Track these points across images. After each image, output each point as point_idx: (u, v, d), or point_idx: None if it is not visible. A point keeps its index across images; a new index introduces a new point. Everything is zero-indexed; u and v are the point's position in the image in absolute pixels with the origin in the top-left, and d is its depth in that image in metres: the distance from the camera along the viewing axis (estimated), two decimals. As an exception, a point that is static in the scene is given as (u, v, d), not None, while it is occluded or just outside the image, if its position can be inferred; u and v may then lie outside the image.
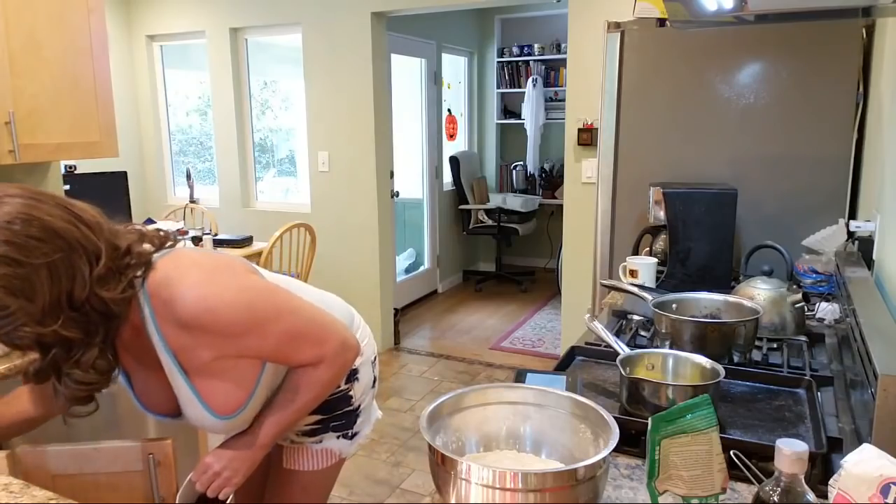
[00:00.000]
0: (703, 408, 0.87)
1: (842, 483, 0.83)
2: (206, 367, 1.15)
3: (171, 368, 1.16)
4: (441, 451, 0.86)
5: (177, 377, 1.17)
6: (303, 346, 1.20)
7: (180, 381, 1.17)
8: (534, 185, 6.38)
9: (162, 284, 1.10)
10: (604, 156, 2.62)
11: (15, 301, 0.96)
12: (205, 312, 1.09)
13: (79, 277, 1.00)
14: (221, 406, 1.19)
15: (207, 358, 1.14)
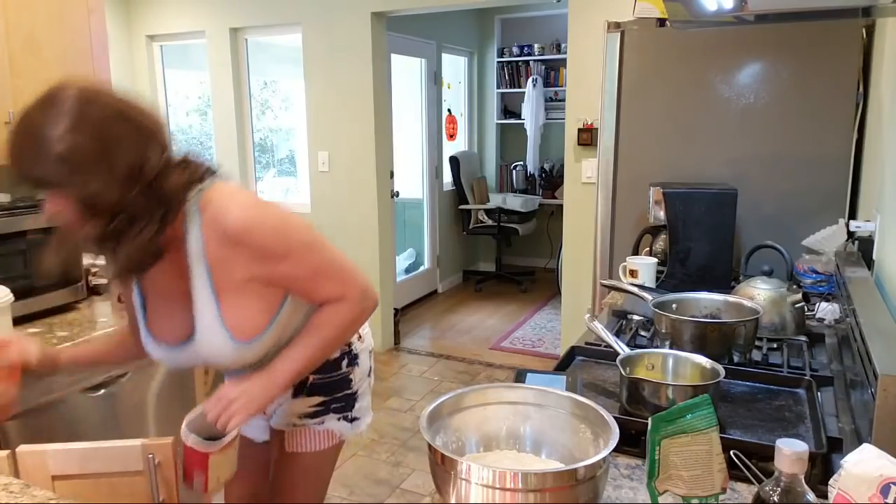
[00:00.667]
0: (703, 408, 0.87)
1: (842, 483, 0.83)
2: (236, 286, 1.22)
3: (202, 283, 1.22)
4: (441, 451, 0.86)
5: (204, 293, 1.22)
6: (329, 281, 1.28)
7: (207, 297, 1.22)
8: (534, 185, 6.38)
9: (214, 198, 1.19)
10: (604, 156, 2.62)
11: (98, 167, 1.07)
12: (250, 229, 1.19)
13: (151, 157, 1.12)
14: (240, 329, 1.23)
15: (240, 277, 1.21)
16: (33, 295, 2.00)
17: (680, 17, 2.07)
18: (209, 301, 1.22)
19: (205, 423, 1.22)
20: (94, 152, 1.07)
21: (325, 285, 1.28)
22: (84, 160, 1.07)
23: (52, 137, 1.07)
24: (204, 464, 1.23)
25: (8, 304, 1.73)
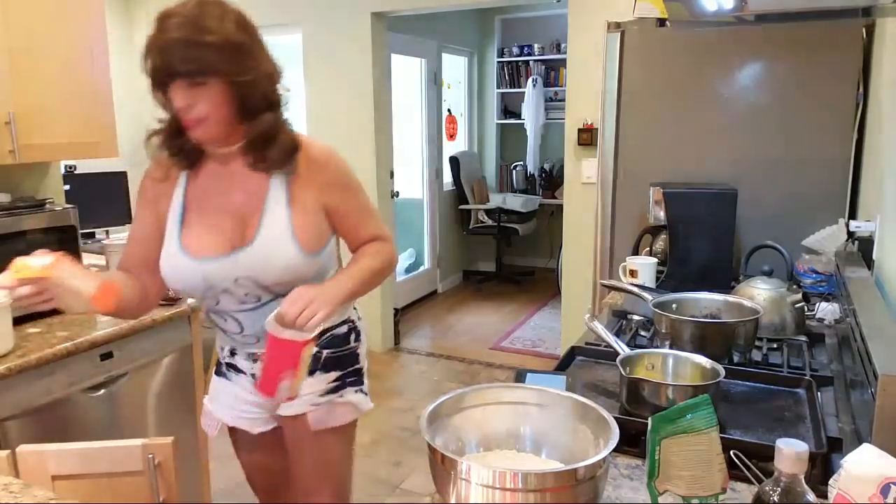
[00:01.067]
0: (702, 408, 0.87)
1: (842, 483, 0.83)
2: (305, 208, 1.35)
3: (277, 195, 1.34)
4: (441, 451, 0.86)
5: (278, 206, 1.33)
6: (373, 220, 1.48)
7: (281, 209, 1.33)
8: (534, 185, 6.38)
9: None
10: (604, 156, 2.62)
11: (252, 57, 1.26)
12: (329, 159, 1.40)
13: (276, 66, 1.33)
14: (307, 241, 1.34)
15: (311, 200, 1.36)
16: (33, 295, 2.00)
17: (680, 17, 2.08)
18: (283, 213, 1.33)
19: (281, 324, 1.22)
20: (247, 44, 1.25)
21: (370, 223, 1.47)
22: (242, 48, 1.24)
23: (216, 28, 1.21)
24: (296, 359, 1.22)
25: (8, 304, 1.73)
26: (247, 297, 1.36)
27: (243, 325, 1.41)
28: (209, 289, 1.35)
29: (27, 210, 2.03)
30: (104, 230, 3.91)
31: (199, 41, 1.20)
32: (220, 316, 1.42)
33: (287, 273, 1.33)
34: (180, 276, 1.35)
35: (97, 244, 3.24)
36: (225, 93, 1.24)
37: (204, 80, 1.22)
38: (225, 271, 1.33)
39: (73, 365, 1.86)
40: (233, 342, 1.48)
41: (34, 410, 1.77)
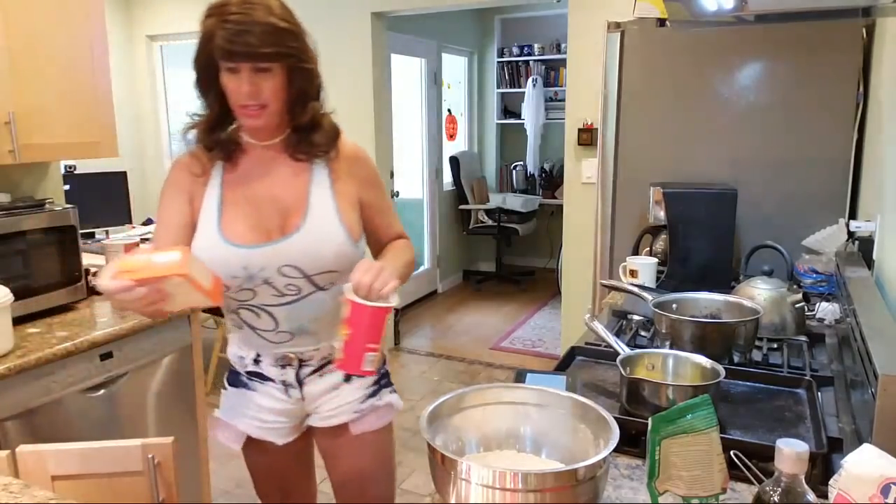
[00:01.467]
0: (703, 408, 0.87)
1: (842, 483, 0.83)
2: (347, 195, 1.37)
3: (321, 182, 1.35)
4: (441, 451, 0.86)
5: (324, 193, 1.34)
6: (398, 220, 1.52)
7: (327, 196, 1.34)
8: (534, 185, 6.37)
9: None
10: (604, 156, 2.62)
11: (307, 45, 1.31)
12: (365, 156, 1.46)
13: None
14: (352, 229, 1.35)
15: (350, 193, 1.38)
16: (33, 295, 2.00)
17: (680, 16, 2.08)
18: (329, 199, 1.34)
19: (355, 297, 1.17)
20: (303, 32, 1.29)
21: (395, 222, 1.51)
22: (304, 35, 1.29)
23: (284, 14, 1.24)
24: (381, 328, 1.17)
25: (8, 304, 1.73)
26: (286, 289, 1.32)
27: (278, 321, 1.36)
28: (249, 278, 1.30)
29: (27, 210, 2.03)
30: (104, 230, 3.91)
31: (274, 25, 1.21)
32: (252, 311, 1.36)
33: (335, 261, 1.31)
34: (219, 263, 1.27)
35: (97, 244, 3.24)
36: (285, 80, 1.26)
37: (269, 66, 1.23)
38: (269, 259, 1.29)
39: (72, 365, 1.86)
40: (259, 345, 1.40)
41: (34, 410, 1.77)
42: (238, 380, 1.47)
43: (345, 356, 1.16)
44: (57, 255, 2.09)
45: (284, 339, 1.38)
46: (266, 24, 1.20)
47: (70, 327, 1.97)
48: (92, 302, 2.22)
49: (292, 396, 1.43)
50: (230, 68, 1.23)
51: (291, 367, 1.40)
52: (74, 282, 2.14)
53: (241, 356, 1.44)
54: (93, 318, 2.08)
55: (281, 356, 1.40)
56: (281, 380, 1.42)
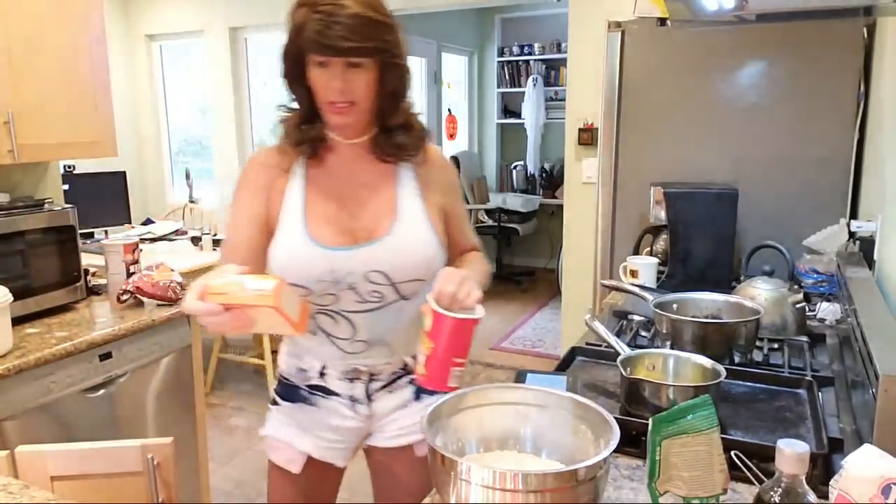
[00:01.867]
0: (703, 408, 0.87)
1: (843, 483, 0.83)
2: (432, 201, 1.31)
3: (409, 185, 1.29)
4: (441, 451, 0.86)
5: (412, 196, 1.28)
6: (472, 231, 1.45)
7: (415, 199, 1.28)
8: (534, 184, 6.37)
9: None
10: (604, 155, 2.62)
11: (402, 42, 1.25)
12: (449, 162, 1.41)
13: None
14: (441, 236, 1.29)
15: (438, 197, 1.32)
16: (32, 295, 2.00)
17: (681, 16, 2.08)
18: (418, 204, 1.28)
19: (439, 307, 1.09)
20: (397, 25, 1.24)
21: (471, 233, 1.44)
22: (400, 30, 1.23)
23: (382, 7, 1.19)
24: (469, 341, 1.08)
25: (7, 304, 1.73)
26: (370, 296, 1.24)
27: (356, 328, 1.27)
28: (335, 283, 1.22)
29: (26, 210, 2.03)
30: (103, 230, 3.91)
31: (369, 18, 1.14)
32: (330, 316, 1.26)
33: (425, 269, 1.24)
34: (305, 264, 1.21)
35: (96, 244, 3.24)
36: (377, 76, 1.19)
37: (361, 62, 1.16)
38: (357, 263, 1.22)
39: (71, 365, 1.85)
40: (329, 355, 1.31)
41: (33, 411, 1.77)
42: (296, 394, 1.35)
43: (428, 371, 1.06)
44: (56, 256, 2.08)
45: (359, 350, 1.29)
46: (360, 16, 1.13)
47: (69, 327, 1.96)
48: (91, 302, 2.22)
49: (359, 413, 1.33)
50: (320, 62, 1.16)
51: (360, 381, 1.31)
52: (73, 282, 2.14)
53: (303, 368, 1.34)
54: (92, 318, 2.07)
55: (351, 369, 1.31)
56: (349, 394, 1.32)
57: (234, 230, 1.28)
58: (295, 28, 1.17)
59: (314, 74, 1.18)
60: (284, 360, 1.38)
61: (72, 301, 2.15)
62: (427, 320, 1.06)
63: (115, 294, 2.14)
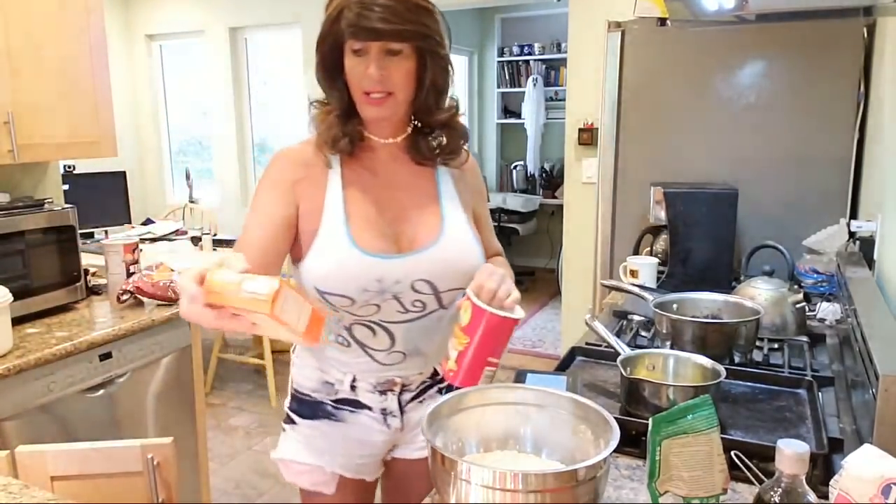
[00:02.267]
0: (703, 408, 0.87)
1: (843, 483, 0.83)
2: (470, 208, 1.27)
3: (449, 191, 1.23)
4: (441, 451, 0.85)
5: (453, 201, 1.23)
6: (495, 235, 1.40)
7: (456, 204, 1.22)
8: (534, 184, 6.37)
9: None
10: (604, 155, 2.62)
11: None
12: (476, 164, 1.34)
13: None
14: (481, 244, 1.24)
15: (470, 201, 1.27)
16: (32, 295, 2.00)
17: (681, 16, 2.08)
18: (460, 211, 1.23)
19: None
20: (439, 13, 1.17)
21: (495, 238, 1.38)
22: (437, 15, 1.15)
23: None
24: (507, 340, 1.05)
25: (7, 304, 1.73)
26: (413, 305, 1.18)
27: (395, 339, 1.21)
28: (380, 293, 1.14)
29: (26, 210, 2.03)
30: (103, 230, 3.91)
31: (414, 2, 1.08)
32: (369, 328, 1.19)
33: (467, 278, 1.15)
34: (352, 274, 1.12)
35: (96, 244, 3.24)
36: (416, 66, 1.12)
37: (401, 48, 1.09)
38: (404, 272, 1.14)
39: (71, 365, 1.85)
40: (361, 368, 1.23)
41: (33, 411, 1.77)
42: (319, 410, 1.26)
43: (459, 367, 1.02)
44: (56, 255, 2.08)
45: (396, 361, 1.23)
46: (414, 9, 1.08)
47: (69, 327, 1.96)
48: (91, 302, 2.22)
49: (391, 426, 1.27)
50: (356, 49, 1.09)
51: (393, 393, 1.25)
52: (74, 282, 2.14)
53: (329, 382, 1.25)
54: (92, 318, 2.07)
55: (385, 381, 1.24)
56: (381, 407, 1.25)
57: (248, 229, 1.17)
58: (331, 16, 1.11)
59: (350, 64, 1.11)
60: (304, 374, 1.29)
61: (72, 301, 2.15)
62: (464, 315, 1.02)
63: (115, 294, 2.14)
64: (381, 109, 1.13)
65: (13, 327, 1.79)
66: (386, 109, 1.14)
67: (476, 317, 1.01)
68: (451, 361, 1.02)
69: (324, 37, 1.13)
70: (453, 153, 1.23)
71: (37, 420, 1.78)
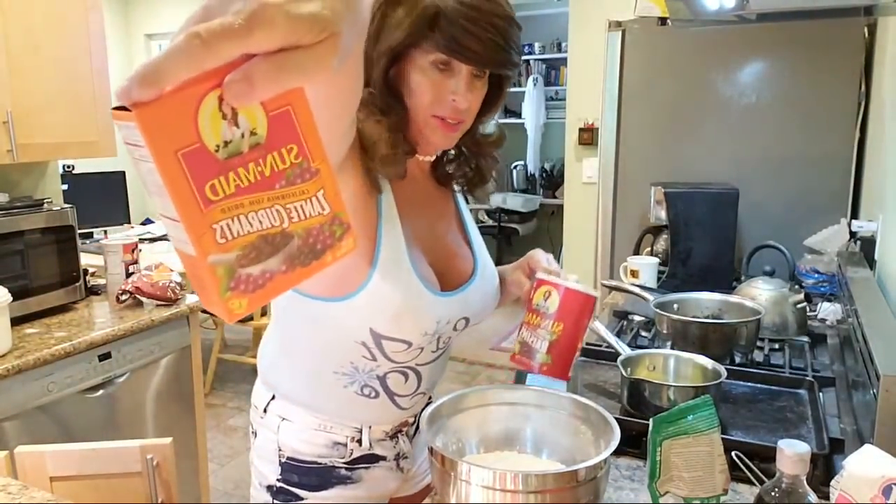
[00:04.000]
0: (704, 409, 0.87)
1: (843, 484, 0.83)
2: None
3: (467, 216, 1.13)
4: (441, 452, 0.85)
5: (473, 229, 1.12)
6: None
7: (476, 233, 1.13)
8: (534, 184, 6.37)
9: None
10: (604, 155, 2.61)
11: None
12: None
13: None
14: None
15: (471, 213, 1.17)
16: (31, 295, 2.00)
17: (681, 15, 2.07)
18: (481, 239, 1.14)
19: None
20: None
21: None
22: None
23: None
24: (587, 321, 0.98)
25: (6, 304, 1.73)
26: (443, 344, 1.07)
27: (422, 381, 1.08)
28: (434, 334, 1.00)
29: (25, 210, 2.03)
30: (102, 230, 3.91)
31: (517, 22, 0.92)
32: (403, 374, 1.04)
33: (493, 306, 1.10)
34: (420, 314, 0.97)
35: (95, 244, 3.24)
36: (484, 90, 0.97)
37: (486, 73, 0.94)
38: (457, 310, 1.02)
39: (71, 366, 1.85)
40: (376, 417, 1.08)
41: (32, 411, 1.77)
42: (332, 477, 1.07)
43: (554, 359, 0.94)
44: (55, 256, 2.08)
45: (416, 402, 1.10)
46: (512, 19, 0.90)
47: (68, 328, 1.96)
48: (90, 302, 2.21)
49: (404, 470, 1.15)
50: (444, 65, 0.90)
51: (403, 434, 1.13)
52: (73, 282, 2.14)
53: (340, 442, 1.06)
54: (91, 318, 2.07)
55: (398, 424, 1.11)
56: (395, 454, 1.12)
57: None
58: (419, 18, 0.87)
59: (429, 81, 0.91)
60: (300, 438, 1.06)
61: (71, 301, 2.14)
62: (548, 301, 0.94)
63: (115, 294, 2.14)
64: (453, 138, 0.97)
65: (12, 327, 1.79)
66: (456, 138, 0.98)
67: (569, 300, 0.93)
68: (542, 354, 0.93)
69: (402, 40, 0.89)
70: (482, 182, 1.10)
71: (36, 420, 1.78)
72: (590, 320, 0.96)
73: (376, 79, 0.91)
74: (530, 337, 0.96)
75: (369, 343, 0.97)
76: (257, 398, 1.12)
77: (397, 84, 0.93)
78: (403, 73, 0.92)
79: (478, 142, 1.06)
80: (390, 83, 0.92)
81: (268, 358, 1.12)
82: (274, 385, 1.09)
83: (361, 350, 0.99)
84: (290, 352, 1.08)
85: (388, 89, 0.92)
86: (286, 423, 1.07)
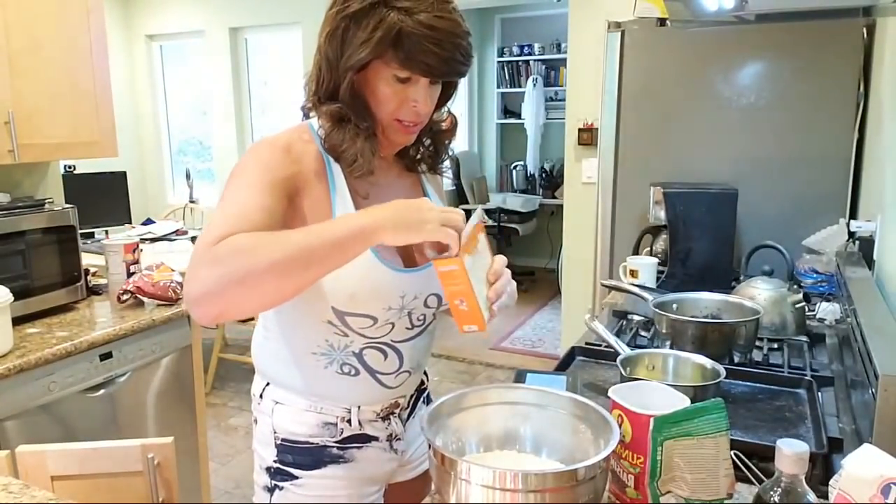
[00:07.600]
0: (713, 412, 0.86)
1: (842, 483, 0.83)
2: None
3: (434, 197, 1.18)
4: (441, 451, 0.86)
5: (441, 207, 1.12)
6: None
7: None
8: (534, 184, 6.37)
9: None
10: (604, 156, 2.62)
11: None
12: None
13: None
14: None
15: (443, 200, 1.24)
16: (32, 295, 2.00)
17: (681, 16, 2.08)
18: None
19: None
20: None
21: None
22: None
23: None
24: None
25: (7, 304, 1.73)
26: (417, 321, 1.12)
27: (403, 359, 1.13)
28: (400, 310, 1.07)
29: (26, 210, 2.03)
30: (104, 230, 3.91)
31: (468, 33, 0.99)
32: (380, 350, 1.10)
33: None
34: (379, 290, 1.04)
35: (96, 244, 3.24)
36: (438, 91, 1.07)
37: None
38: (421, 286, 1.08)
39: (72, 365, 1.86)
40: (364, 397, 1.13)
41: (33, 411, 1.77)
42: (325, 456, 1.13)
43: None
44: (56, 255, 2.08)
45: (402, 381, 1.16)
46: (468, 33, 0.98)
47: (69, 327, 1.96)
48: (91, 302, 2.22)
49: (398, 451, 1.21)
50: (405, 78, 0.99)
51: (395, 416, 1.18)
52: (74, 282, 2.14)
53: (330, 422, 1.12)
54: (92, 318, 2.07)
55: (388, 404, 1.16)
56: (386, 435, 1.17)
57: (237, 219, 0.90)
58: (381, 35, 0.95)
59: (390, 91, 1.00)
60: (293, 420, 1.13)
61: (72, 301, 2.15)
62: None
63: (116, 294, 2.14)
64: (413, 136, 1.08)
65: (13, 327, 1.79)
66: (415, 135, 1.09)
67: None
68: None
69: (365, 57, 0.97)
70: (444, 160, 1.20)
71: (37, 420, 1.78)
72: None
73: (344, 93, 1.01)
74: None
75: (335, 321, 1.05)
76: (255, 387, 1.20)
77: (362, 93, 1.02)
78: (367, 83, 1.01)
79: (431, 128, 1.15)
80: (355, 93, 1.02)
81: (257, 346, 1.20)
82: (265, 372, 1.18)
83: (331, 328, 1.06)
84: (272, 337, 1.15)
85: (358, 103, 1.02)
86: (279, 406, 1.14)
